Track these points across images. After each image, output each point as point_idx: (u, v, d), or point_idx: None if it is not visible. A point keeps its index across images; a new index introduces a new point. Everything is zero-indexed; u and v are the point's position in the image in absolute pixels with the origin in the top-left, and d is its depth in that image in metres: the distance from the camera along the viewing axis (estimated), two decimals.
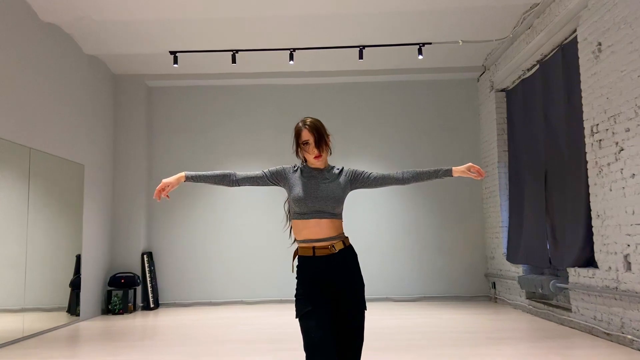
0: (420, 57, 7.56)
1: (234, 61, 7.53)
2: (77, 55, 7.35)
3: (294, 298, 2.40)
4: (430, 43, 7.41)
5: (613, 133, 4.92)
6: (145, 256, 8.29)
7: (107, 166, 8.24)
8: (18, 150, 5.87)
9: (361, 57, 7.47)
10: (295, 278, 2.46)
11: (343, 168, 2.54)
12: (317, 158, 2.43)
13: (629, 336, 4.63)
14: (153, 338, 5.79)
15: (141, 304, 8.20)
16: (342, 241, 2.42)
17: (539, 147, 6.74)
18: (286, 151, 4.20)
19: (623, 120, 4.76)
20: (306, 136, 2.42)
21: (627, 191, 4.72)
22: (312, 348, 2.21)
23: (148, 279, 8.21)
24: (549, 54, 6.52)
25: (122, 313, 7.74)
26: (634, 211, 4.61)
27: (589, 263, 5.43)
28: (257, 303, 8.46)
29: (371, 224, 8.58)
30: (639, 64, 4.52)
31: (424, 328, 5.98)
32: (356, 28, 6.98)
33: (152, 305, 8.18)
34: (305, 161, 2.50)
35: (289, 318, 6.17)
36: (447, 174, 2.54)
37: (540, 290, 6.23)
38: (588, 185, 5.41)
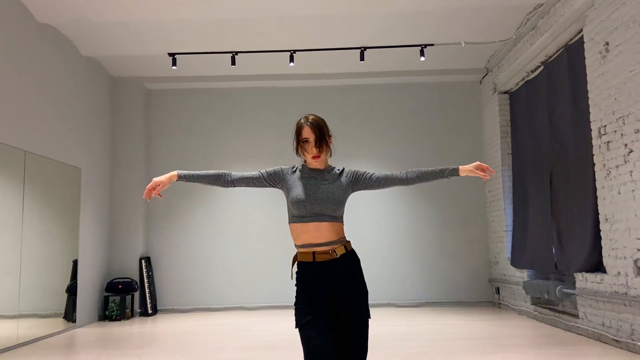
0: (422, 59, 7.46)
1: (234, 63, 7.43)
2: (74, 57, 7.25)
3: (294, 306, 2.28)
4: (432, 44, 7.30)
5: (622, 135, 4.80)
6: (143, 261, 8.16)
7: (105, 170, 8.13)
8: (12, 153, 5.76)
9: (362, 59, 7.38)
10: (294, 285, 2.33)
11: (344, 169, 2.42)
12: (315, 158, 2.31)
13: (639, 343, 4.50)
14: (151, 345, 5.68)
15: (139, 310, 8.07)
16: (344, 245, 2.30)
17: (544, 150, 6.63)
18: (286, 154, 4.09)
19: (632, 121, 4.65)
20: (307, 134, 2.31)
21: (637, 194, 4.60)
22: (313, 359, 2.10)
23: (146, 285, 8.09)
24: (554, 55, 6.41)
25: (120, 319, 7.61)
26: None
27: (597, 268, 5.31)
28: (257, 309, 8.33)
29: (372, 228, 8.46)
30: None
31: (429, 335, 5.86)
32: (357, 29, 6.89)
33: (150, 311, 8.05)
34: (305, 160, 2.39)
35: (290, 324, 6.04)
36: (454, 174, 2.41)
37: (546, 295, 6.10)
38: (595, 188, 5.30)
